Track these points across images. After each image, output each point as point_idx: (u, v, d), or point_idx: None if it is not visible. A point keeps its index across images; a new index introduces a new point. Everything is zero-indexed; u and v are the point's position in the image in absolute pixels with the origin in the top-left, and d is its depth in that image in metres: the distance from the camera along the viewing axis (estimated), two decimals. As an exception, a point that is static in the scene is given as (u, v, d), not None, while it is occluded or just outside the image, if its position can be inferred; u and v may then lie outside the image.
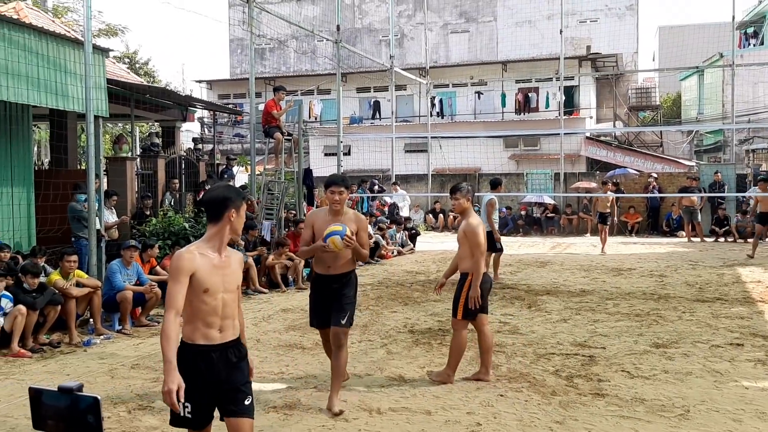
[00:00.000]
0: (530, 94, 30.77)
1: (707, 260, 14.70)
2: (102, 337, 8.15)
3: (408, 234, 17.95)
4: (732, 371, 6.28)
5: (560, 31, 24.51)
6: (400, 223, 18.06)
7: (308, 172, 15.30)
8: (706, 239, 19.16)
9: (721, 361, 6.61)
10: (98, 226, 9.41)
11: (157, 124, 19.52)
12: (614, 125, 32.56)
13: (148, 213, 12.97)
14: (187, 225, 11.79)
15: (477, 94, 31.82)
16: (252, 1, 14.12)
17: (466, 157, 25.87)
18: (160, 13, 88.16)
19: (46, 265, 8.75)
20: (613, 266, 13.85)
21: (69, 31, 13.30)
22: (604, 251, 16.16)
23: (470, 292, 5.93)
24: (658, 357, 6.80)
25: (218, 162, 19.38)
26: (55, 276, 8.17)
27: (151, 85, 23.65)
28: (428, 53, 28.50)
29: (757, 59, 26.84)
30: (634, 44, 35.38)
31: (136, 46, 63.53)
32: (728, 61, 25.32)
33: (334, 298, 5.50)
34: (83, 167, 15.76)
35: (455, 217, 14.76)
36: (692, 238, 19.24)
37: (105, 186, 11.32)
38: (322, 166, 23.51)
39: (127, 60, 34.90)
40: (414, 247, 17.86)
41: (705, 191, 20.02)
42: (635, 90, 34.66)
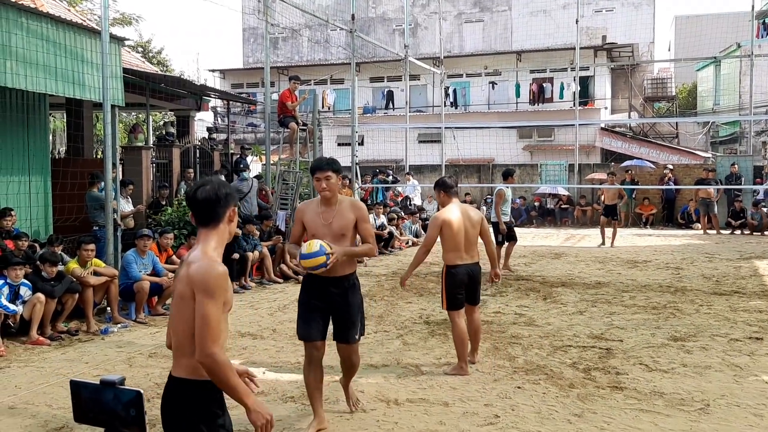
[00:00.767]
0: (545, 85, 30.58)
1: (724, 253, 14.59)
2: (119, 325, 8.20)
3: (421, 224, 17.93)
4: (752, 365, 6.23)
5: (576, 21, 24.32)
6: (414, 213, 18.04)
7: (323, 162, 15.26)
8: (722, 231, 19.01)
9: (740, 355, 6.56)
10: (114, 216, 9.45)
11: (171, 113, 19.55)
12: (629, 116, 32.31)
13: (164, 202, 13.01)
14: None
15: (491, 84, 31.67)
16: (267, -10, 14.09)
17: (480, 147, 25.76)
18: (173, 2, 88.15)
19: (63, 254, 8.80)
20: (629, 258, 13.77)
21: (84, 20, 13.32)
22: (612, 245, 15.87)
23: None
24: (676, 350, 6.76)
25: (232, 151, 19.39)
26: (73, 264, 8.21)
27: (166, 74, 23.68)
28: (442, 43, 28.34)
29: (775, 50, 26.54)
30: (650, 34, 35.03)
31: (150, 35, 63.69)
32: (746, 51, 25.03)
33: (334, 307, 4.68)
34: (99, 156, 15.85)
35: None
36: (708, 231, 19.09)
37: (121, 175, 11.37)
38: (336, 156, 23.38)
39: (140, 49, 34.93)
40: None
41: (721, 183, 19.83)
42: (651, 80, 34.32)
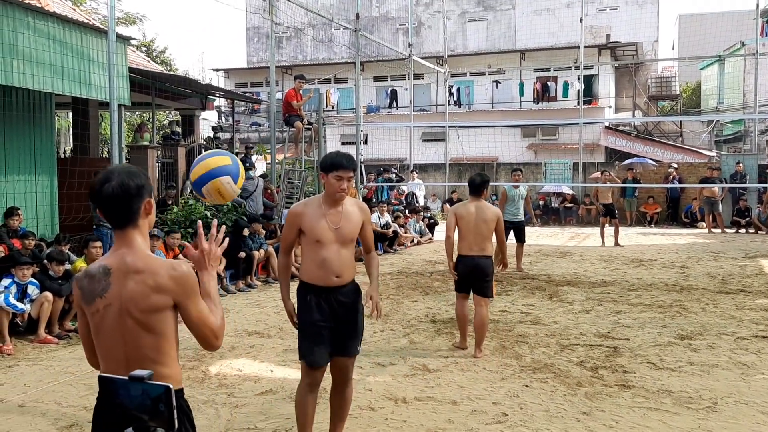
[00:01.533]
0: (549, 83, 30.56)
1: (729, 251, 14.58)
2: (126, 324, 8.21)
3: (426, 223, 17.96)
4: (759, 364, 6.23)
5: (580, 20, 24.28)
6: (418, 212, 18.07)
7: (327, 161, 15.28)
8: (727, 230, 18.99)
9: (747, 354, 6.56)
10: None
11: (176, 112, 19.59)
12: (633, 115, 32.29)
13: (170, 202, 13.04)
14: (208, 213, 11.85)
15: (495, 83, 31.64)
16: (272, -10, 14.11)
17: (484, 146, 25.76)
18: (177, 1, 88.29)
19: (70, 253, 8.82)
20: (634, 257, 13.77)
21: (90, 20, 13.35)
22: (617, 243, 15.80)
23: None
24: (683, 349, 6.76)
25: (237, 150, 19.43)
26: (80, 263, 8.24)
27: (172, 73, 23.72)
28: (446, 42, 28.35)
29: (780, 48, 26.47)
30: (654, 33, 34.99)
31: (154, 35, 63.75)
32: (750, 49, 24.99)
33: (341, 319, 4.18)
34: (106, 155, 15.89)
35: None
36: (713, 229, 19.07)
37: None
38: (339, 155, 23.44)
39: (144, 48, 35.00)
40: (432, 236, 17.86)
41: (726, 182, 19.81)
42: (655, 79, 34.31)
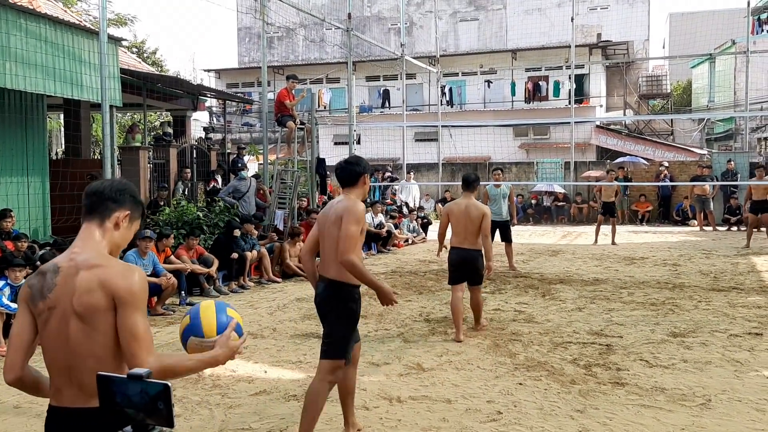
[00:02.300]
0: (540, 83, 30.63)
1: (720, 249, 14.65)
2: (119, 325, 8.18)
3: (420, 222, 17.98)
4: (752, 361, 6.26)
5: (571, 19, 24.37)
6: (411, 211, 18.09)
7: (321, 161, 15.29)
8: (719, 228, 19.08)
9: (740, 351, 6.59)
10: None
11: (167, 113, 19.53)
12: (624, 113, 32.40)
13: (162, 203, 13.01)
14: (200, 214, 11.83)
15: (486, 83, 31.68)
16: (264, -10, 14.09)
17: (476, 145, 25.81)
18: (167, 3, 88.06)
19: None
20: (626, 255, 13.82)
21: (81, 21, 13.31)
22: (614, 242, 15.84)
23: None
24: (676, 346, 6.79)
25: (229, 151, 19.39)
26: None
27: (163, 74, 23.65)
28: (438, 41, 28.37)
29: (770, 46, 26.61)
30: (645, 31, 35.09)
31: (144, 36, 63.58)
32: (741, 47, 25.11)
33: None
34: (97, 157, 15.84)
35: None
36: (704, 227, 19.15)
37: (119, 175, 11.36)
38: (332, 155, 23.49)
39: (135, 49, 34.90)
40: (426, 236, 17.88)
41: (717, 180, 19.90)
42: (646, 78, 34.42)
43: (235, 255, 10.65)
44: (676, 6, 69.61)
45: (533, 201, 23.22)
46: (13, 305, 7.22)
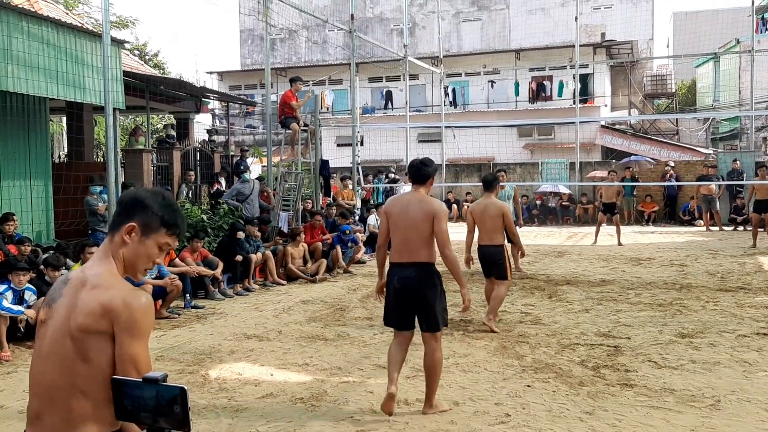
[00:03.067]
0: (544, 83, 30.57)
1: (727, 249, 14.56)
2: (124, 329, 8.15)
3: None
4: (760, 361, 6.20)
5: (575, 18, 24.28)
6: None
7: (324, 162, 15.26)
8: (725, 228, 18.98)
9: (748, 351, 6.53)
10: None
11: (170, 115, 19.52)
12: (629, 113, 32.33)
13: (165, 205, 12.97)
14: (204, 217, 11.79)
15: (490, 83, 31.64)
16: (266, -9, 14.05)
17: (480, 146, 25.73)
18: (169, 4, 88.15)
19: (67, 258, 8.76)
20: (632, 256, 13.74)
21: (82, 24, 13.30)
22: (620, 242, 15.78)
23: None
24: (684, 347, 6.74)
25: (232, 153, 19.37)
26: (77, 268, 8.17)
27: (166, 76, 23.65)
28: (441, 42, 28.33)
29: (774, 45, 26.51)
30: (649, 31, 35.02)
31: (146, 38, 63.68)
32: (745, 46, 25.02)
33: None
34: (100, 160, 15.82)
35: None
36: (711, 227, 19.06)
37: (122, 178, 11.33)
38: (335, 157, 23.46)
39: (137, 52, 34.93)
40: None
41: (723, 179, 19.80)
42: (650, 77, 34.33)
43: (239, 257, 10.61)
44: (680, 5, 69.51)
45: (538, 202, 23.15)
46: (15, 307, 7.18)
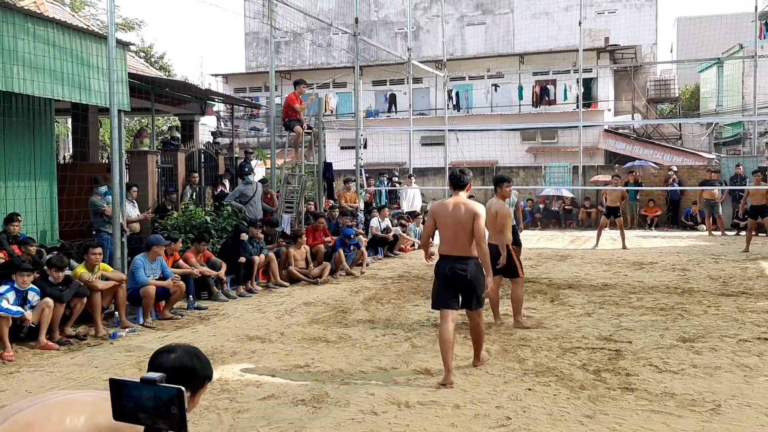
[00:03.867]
0: (548, 87, 30.58)
1: (729, 254, 14.56)
2: (127, 329, 8.20)
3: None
4: (762, 366, 6.22)
5: (579, 23, 24.30)
6: (417, 216, 18.06)
7: (328, 165, 15.29)
8: (728, 233, 18.97)
9: (749, 356, 6.54)
10: (120, 220, 9.45)
11: (175, 117, 19.58)
12: (633, 117, 32.30)
13: (170, 207, 13.03)
14: (208, 218, 11.84)
15: (494, 87, 31.65)
16: (271, -6, 14.10)
17: (483, 150, 25.74)
18: (174, 7, 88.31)
19: (71, 259, 8.80)
20: (635, 260, 13.75)
21: (89, 26, 13.36)
22: (624, 246, 15.86)
23: None
24: (685, 351, 6.75)
25: (236, 155, 19.42)
26: (81, 269, 8.22)
27: (171, 78, 23.72)
28: (444, 45, 28.36)
29: (778, 50, 26.49)
30: (652, 36, 35.03)
31: (152, 40, 63.83)
32: (749, 52, 25.01)
33: None
34: (105, 161, 15.88)
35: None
36: (713, 232, 19.05)
37: (127, 179, 11.37)
38: (338, 160, 23.48)
39: (142, 54, 35.02)
40: (433, 240, 17.78)
41: (726, 184, 19.80)
42: (653, 82, 34.30)
43: (242, 259, 10.65)
44: (684, 10, 69.44)
45: (541, 205, 23.16)
46: (15, 308, 7.19)
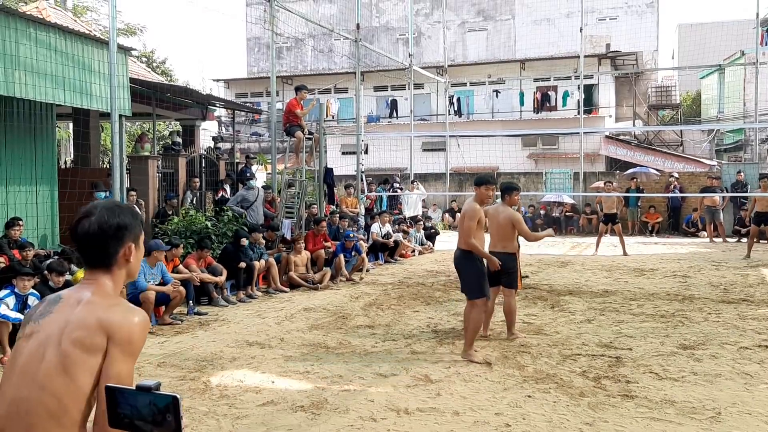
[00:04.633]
0: (549, 93, 30.60)
1: (730, 261, 14.55)
2: (127, 335, 8.17)
3: (427, 233, 17.93)
4: (762, 374, 6.20)
5: (580, 29, 24.35)
6: (417, 221, 18.07)
7: (329, 170, 15.30)
8: (729, 240, 18.96)
9: (750, 363, 6.53)
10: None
11: (177, 122, 19.60)
12: (634, 124, 32.31)
13: (170, 212, 13.03)
14: (209, 224, 11.84)
15: (495, 93, 31.69)
16: (273, 0, 14.13)
17: (484, 155, 25.75)
18: (176, 12, 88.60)
19: (71, 264, 8.80)
20: (635, 267, 13.74)
21: (90, 31, 13.39)
22: (625, 252, 15.87)
23: None
24: (685, 358, 6.73)
25: (238, 161, 19.43)
26: (81, 274, 8.22)
27: (172, 83, 23.75)
28: (446, 52, 28.42)
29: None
30: (654, 42, 35.09)
31: (153, 46, 63.95)
32: (750, 58, 25.03)
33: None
34: (106, 166, 15.90)
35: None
36: (714, 239, 19.04)
37: (127, 184, 11.39)
38: (339, 165, 23.51)
39: (144, 59, 35.08)
40: (433, 246, 17.82)
41: (727, 191, 19.79)
42: (655, 88, 34.36)
43: (243, 264, 10.64)
44: (685, 17, 69.62)
45: (542, 212, 23.15)
46: (13, 315, 7.17)
